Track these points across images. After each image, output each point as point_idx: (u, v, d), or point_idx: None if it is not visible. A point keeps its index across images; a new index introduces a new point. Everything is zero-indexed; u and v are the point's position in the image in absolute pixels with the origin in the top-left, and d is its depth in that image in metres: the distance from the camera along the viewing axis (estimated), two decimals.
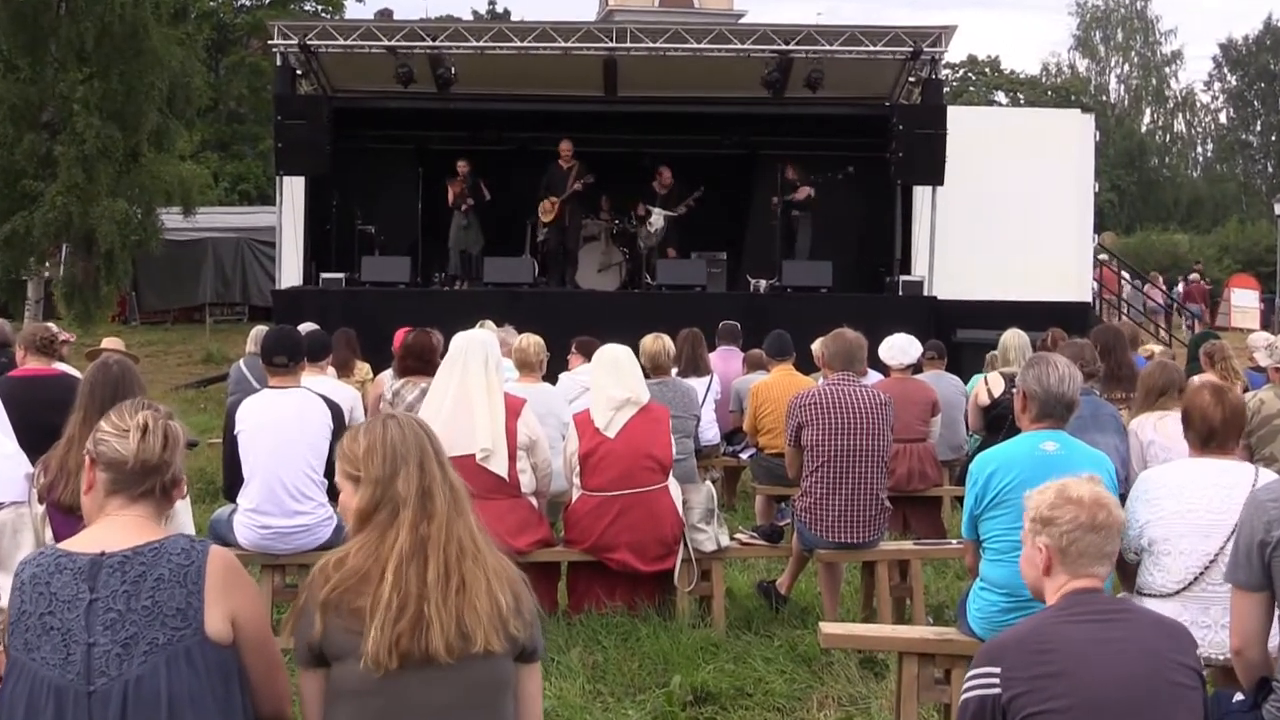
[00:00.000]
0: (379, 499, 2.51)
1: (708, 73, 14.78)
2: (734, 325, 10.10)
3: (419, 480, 2.53)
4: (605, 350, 6.01)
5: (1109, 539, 2.69)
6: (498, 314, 9.96)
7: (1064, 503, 2.70)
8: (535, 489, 5.72)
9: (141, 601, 2.35)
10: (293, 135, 13.68)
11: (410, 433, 2.59)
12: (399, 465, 2.54)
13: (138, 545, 2.42)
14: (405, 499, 2.50)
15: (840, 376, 5.93)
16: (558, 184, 14.65)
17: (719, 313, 11.23)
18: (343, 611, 2.41)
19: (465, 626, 2.44)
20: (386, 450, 2.55)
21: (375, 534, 2.50)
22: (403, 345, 6.74)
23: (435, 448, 2.61)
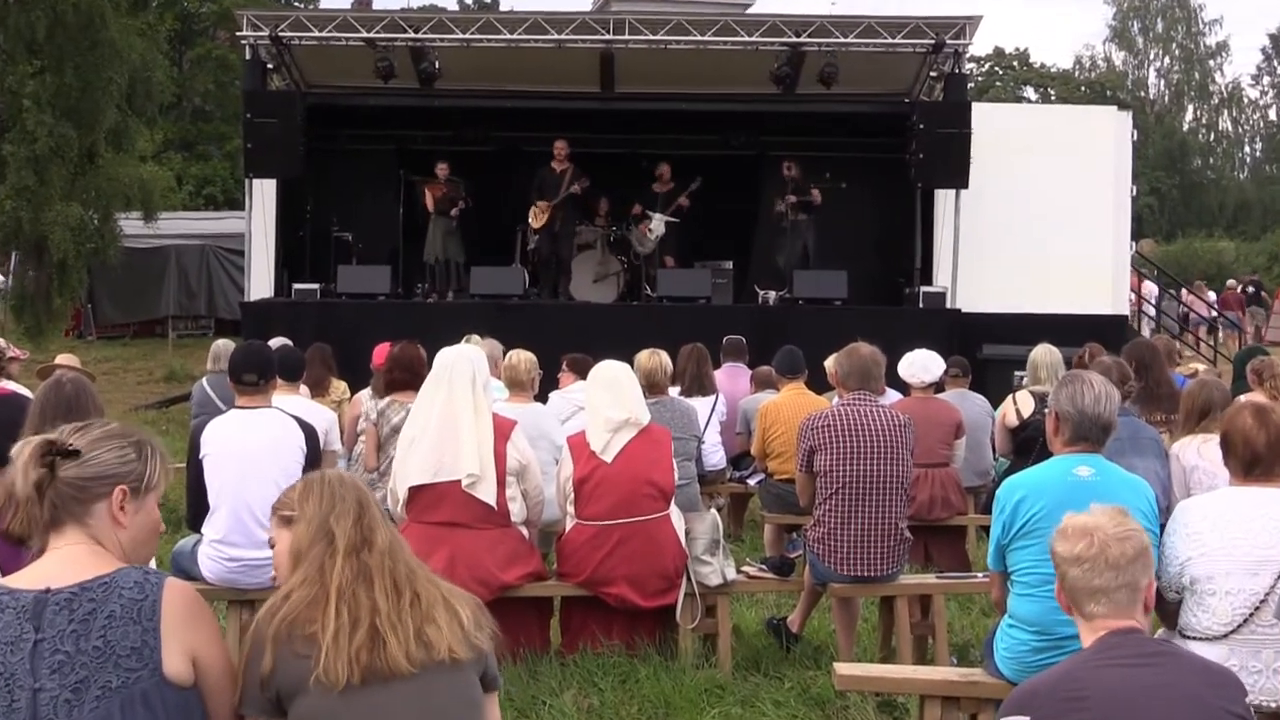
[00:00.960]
0: (313, 535, 2.59)
1: (713, 67, 14.84)
2: (740, 340, 10.13)
3: (356, 517, 2.63)
4: (602, 367, 6.02)
5: (1095, 572, 2.71)
6: (485, 328, 9.97)
7: (1074, 535, 2.74)
8: (526, 518, 5.73)
9: (92, 641, 2.33)
10: (263, 135, 13.72)
11: (351, 483, 2.71)
12: (336, 503, 2.63)
13: (86, 580, 2.40)
14: (341, 534, 2.59)
15: (856, 396, 5.94)
16: (550, 187, 14.69)
17: (724, 326, 11.25)
18: (294, 639, 2.46)
19: (426, 636, 2.51)
20: (324, 490, 2.65)
21: (313, 566, 2.57)
22: (389, 357, 6.76)
23: (376, 505, 2.71)
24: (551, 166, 14.74)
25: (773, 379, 8.69)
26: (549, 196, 14.66)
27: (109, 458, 2.52)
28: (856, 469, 5.76)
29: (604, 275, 15.63)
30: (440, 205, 14.85)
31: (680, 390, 8.50)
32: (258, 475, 5.41)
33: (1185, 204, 53.12)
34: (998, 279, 14.64)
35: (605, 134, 15.81)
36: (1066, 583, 2.74)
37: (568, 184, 14.57)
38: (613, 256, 15.74)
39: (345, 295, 13.94)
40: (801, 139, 15.83)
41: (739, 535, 9.10)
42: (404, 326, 11.41)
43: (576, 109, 15.34)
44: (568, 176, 14.60)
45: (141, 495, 2.57)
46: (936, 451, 7.77)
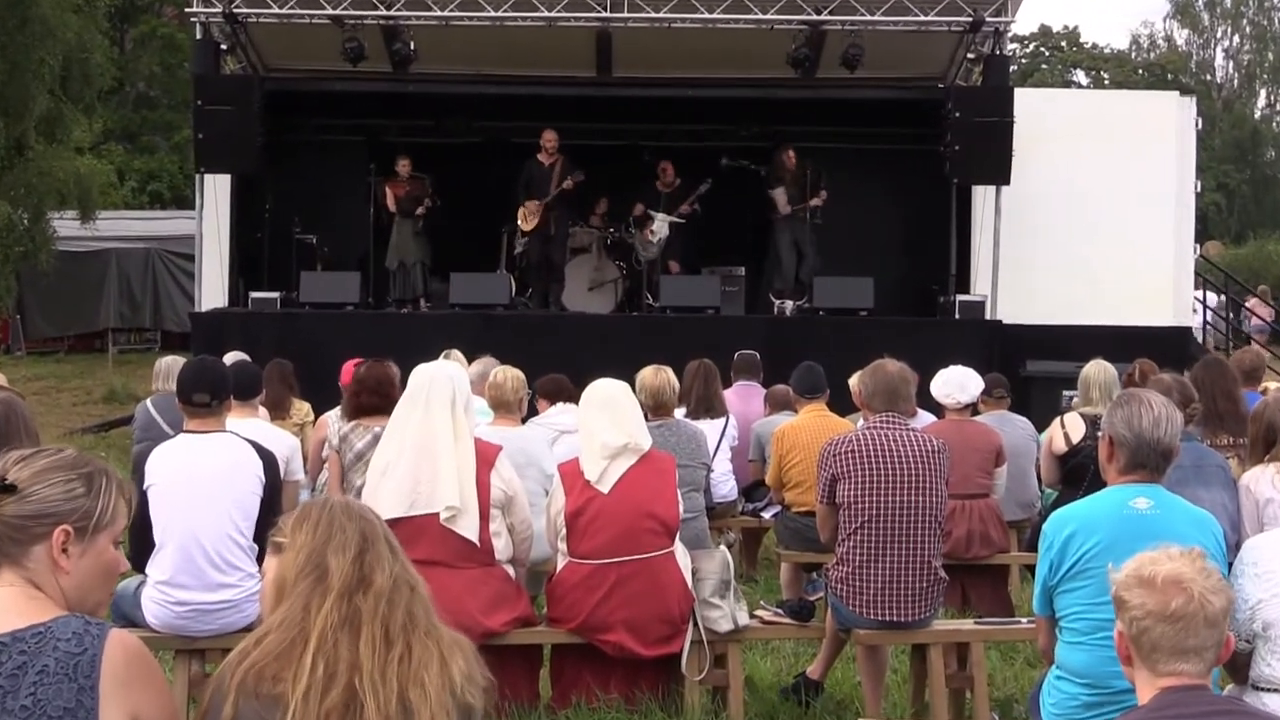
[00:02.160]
0: (301, 568, 2.54)
1: (722, 49, 14.88)
2: (754, 356, 10.15)
3: (357, 553, 2.57)
4: (598, 386, 6.04)
5: (1191, 631, 2.72)
6: (467, 342, 9.99)
7: (1135, 583, 2.75)
8: (512, 555, 5.74)
9: (20, 700, 2.31)
10: (216, 124, 13.76)
11: (357, 512, 2.65)
12: (334, 534, 2.58)
13: (18, 629, 2.39)
14: (336, 570, 2.54)
15: (883, 418, 5.96)
16: (539, 184, 14.72)
17: (736, 340, 11.27)
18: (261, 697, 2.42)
19: (408, 700, 2.46)
20: (322, 517, 2.60)
21: (297, 604, 2.52)
22: (355, 378, 6.78)
23: (388, 536, 2.66)
24: (539, 160, 14.77)
25: (790, 399, 8.70)
26: (538, 194, 14.68)
27: (52, 493, 2.50)
28: (884, 500, 5.77)
29: (600, 283, 15.66)
30: (403, 205, 14.88)
31: (686, 412, 8.51)
32: (209, 508, 5.42)
33: (1257, 201, 53.08)
34: (1044, 287, 14.66)
35: (602, 124, 15.84)
36: (1146, 638, 2.74)
37: (559, 179, 14.59)
38: (610, 262, 15.76)
39: (309, 305, 13.97)
40: (822, 129, 15.86)
41: (752, 575, 9.10)
42: (376, 340, 11.45)
43: (569, 96, 15.38)
44: (558, 170, 14.62)
45: (90, 535, 2.54)
46: (975, 481, 7.78)
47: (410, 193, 14.91)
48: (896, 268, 15.58)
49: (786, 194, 14.89)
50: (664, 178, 15.30)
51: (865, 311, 13.95)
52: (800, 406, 8.35)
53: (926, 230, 15.70)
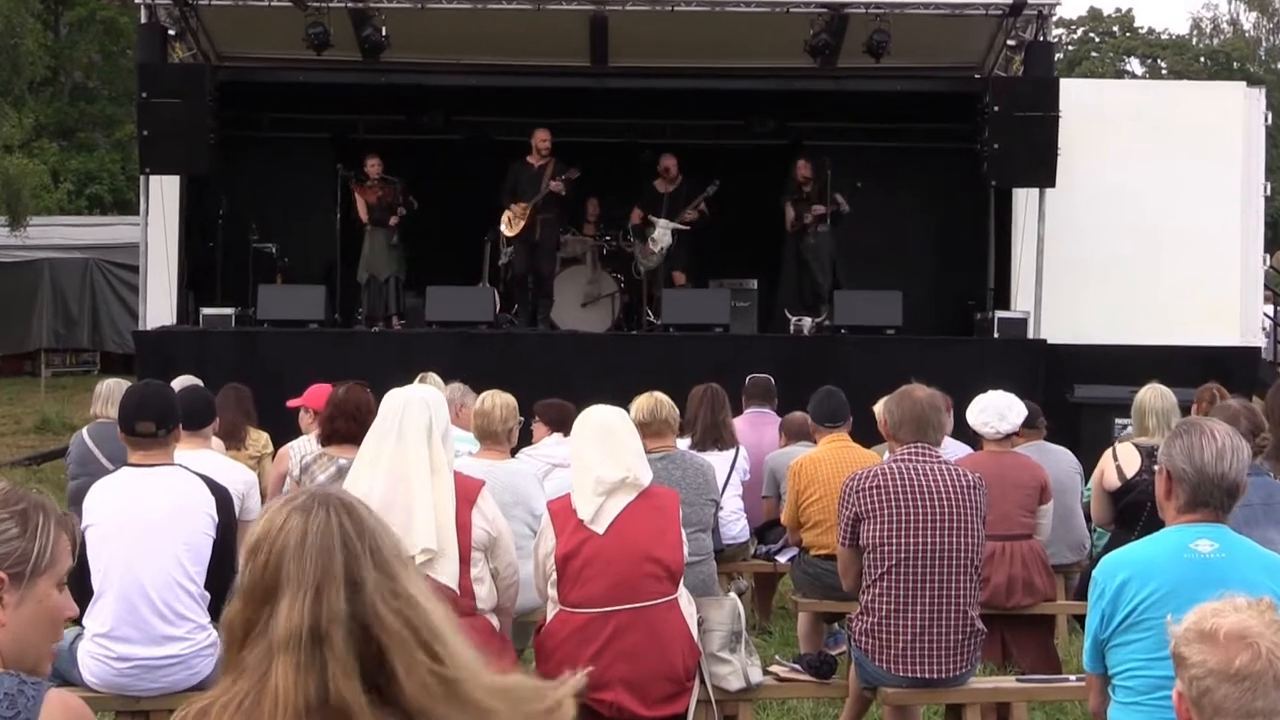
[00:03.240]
0: (252, 622, 2.37)
1: (732, 36, 14.91)
2: (768, 380, 10.16)
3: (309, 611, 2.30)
4: (592, 414, 6.04)
5: (1259, 692, 2.71)
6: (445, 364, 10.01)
7: (1230, 643, 2.74)
8: (497, 604, 5.74)
9: None
10: (163, 119, 13.78)
11: (333, 532, 2.36)
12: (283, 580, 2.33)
13: None
14: (282, 640, 2.29)
15: (912, 450, 5.97)
16: (527, 186, 14.68)
17: (747, 362, 11.28)
18: None
19: None
20: (275, 550, 2.38)
21: (250, 677, 2.31)
22: (330, 402, 6.79)
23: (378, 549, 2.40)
24: (528, 162, 14.77)
25: (808, 428, 8.71)
26: (526, 196, 14.69)
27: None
28: (914, 542, 5.77)
29: (595, 297, 15.68)
30: (375, 213, 14.86)
31: (692, 443, 8.52)
32: (155, 552, 5.42)
33: None
34: (1093, 302, 14.67)
35: (596, 119, 15.89)
36: (1207, 700, 2.72)
37: (548, 179, 14.58)
38: (606, 273, 15.78)
39: (268, 323, 13.98)
40: (843, 125, 15.91)
41: (766, 626, 9.11)
42: (343, 362, 11.49)
43: (560, 88, 15.42)
44: (548, 174, 14.62)
45: (28, 581, 2.52)
46: (1016, 520, 7.78)
47: (382, 199, 14.89)
48: (927, 281, 15.59)
49: (795, 209, 14.92)
50: (666, 176, 15.27)
51: (892, 330, 13.96)
52: (820, 436, 8.36)
53: (961, 238, 15.73)
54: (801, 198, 14.93)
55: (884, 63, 14.64)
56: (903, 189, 16.00)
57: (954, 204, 15.66)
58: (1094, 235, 14.92)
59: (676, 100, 15.72)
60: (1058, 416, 10.38)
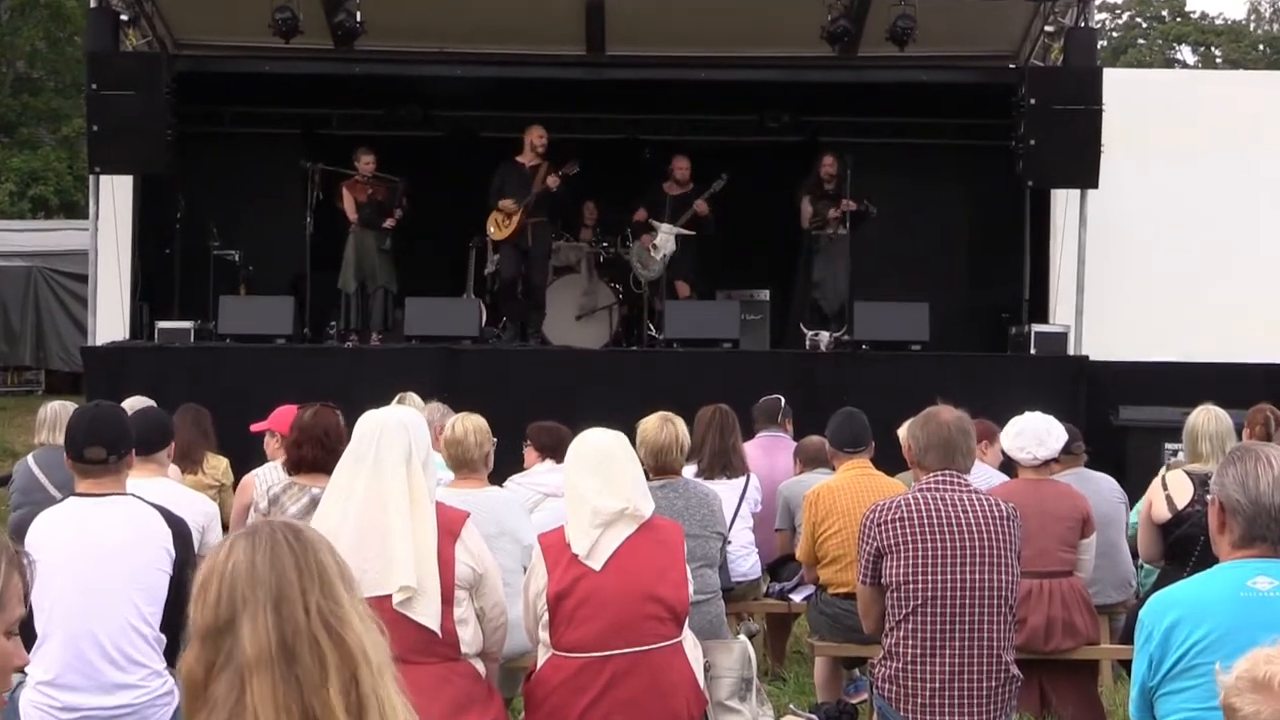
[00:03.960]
0: (212, 660, 2.48)
1: (742, 21, 14.94)
2: (780, 401, 10.16)
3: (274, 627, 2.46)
4: (588, 439, 6.05)
5: None
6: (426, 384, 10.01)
7: (1249, 686, 2.74)
8: (483, 648, 5.74)
9: None
10: (114, 113, 13.79)
11: (283, 551, 2.53)
12: (239, 606, 2.49)
13: None
14: (253, 660, 2.44)
15: (939, 478, 5.97)
16: (517, 188, 14.66)
17: (759, 382, 11.29)
18: None
19: None
20: (226, 579, 2.51)
21: (223, 709, 2.43)
22: (298, 425, 6.79)
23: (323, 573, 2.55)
24: (519, 162, 14.74)
25: (825, 454, 8.71)
26: (516, 196, 14.66)
27: None
28: (942, 579, 5.77)
29: (591, 309, 15.68)
30: (365, 213, 14.85)
31: (698, 470, 8.52)
32: (106, 591, 5.41)
33: None
34: (1140, 314, 14.67)
35: (593, 114, 15.92)
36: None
37: (541, 179, 14.57)
38: (603, 283, 15.78)
39: (230, 338, 13.97)
40: (864, 120, 15.92)
41: (779, 672, 9.09)
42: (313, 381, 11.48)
43: (552, 79, 15.44)
44: (541, 175, 14.62)
45: None
46: (1055, 555, 7.77)
47: (373, 197, 14.85)
48: (957, 291, 15.62)
49: (814, 205, 14.92)
50: (676, 176, 15.22)
51: (919, 345, 13.95)
52: (838, 463, 8.36)
53: (994, 245, 15.75)
54: (822, 194, 14.92)
55: (909, 51, 14.65)
56: (930, 190, 16.02)
57: (986, 207, 15.69)
58: (1141, 241, 14.92)
59: (681, 93, 15.73)
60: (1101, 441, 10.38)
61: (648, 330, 15.16)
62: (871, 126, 16.02)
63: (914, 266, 15.50)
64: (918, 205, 15.83)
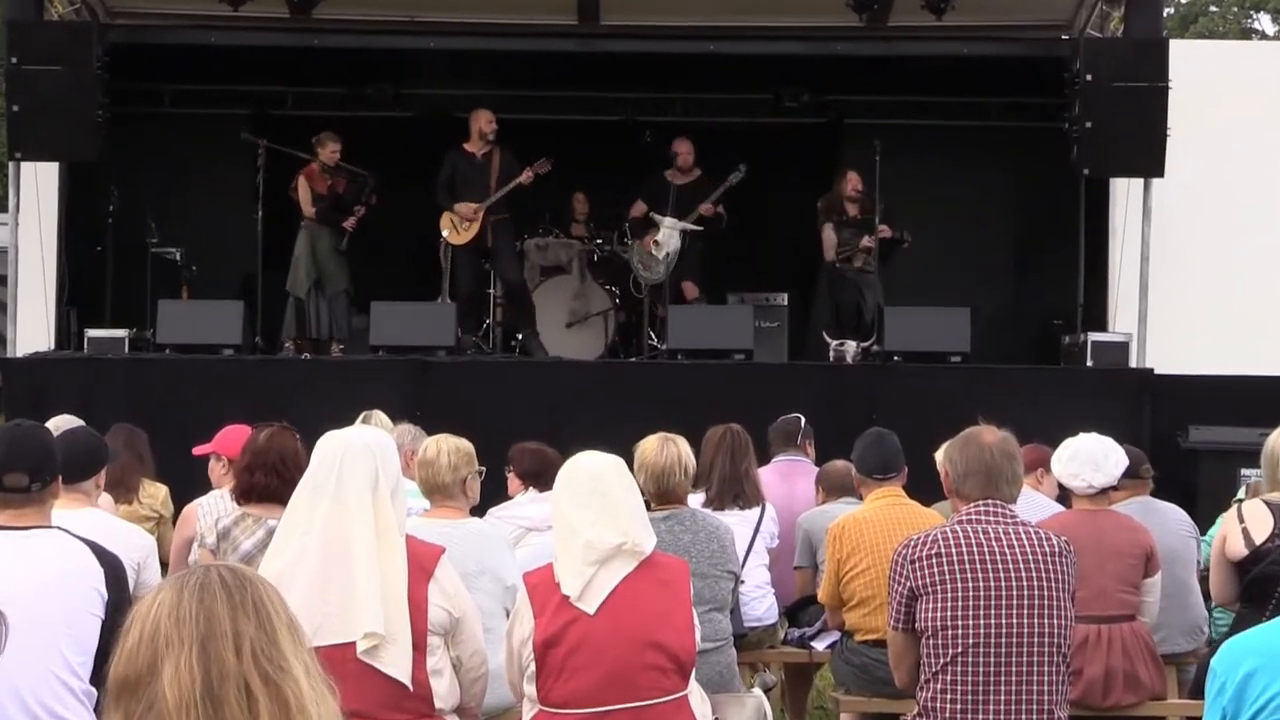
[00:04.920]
0: (130, 708, 2.47)
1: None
2: (800, 421, 10.16)
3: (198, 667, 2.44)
4: (580, 464, 6.05)
5: None
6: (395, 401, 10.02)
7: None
8: (459, 702, 5.75)
9: None
10: (38, 91, 13.80)
11: (214, 587, 2.55)
12: (162, 650, 2.48)
13: None
14: (173, 707, 2.42)
15: (981, 508, 5.97)
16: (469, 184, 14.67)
17: (776, 399, 11.29)
18: None
19: None
20: (149, 623, 2.52)
21: None
22: (250, 449, 6.80)
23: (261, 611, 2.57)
24: (467, 151, 14.76)
25: (852, 481, 8.72)
26: (473, 195, 14.68)
27: None
28: (985, 625, 5.78)
29: (583, 315, 15.68)
30: (323, 208, 14.82)
31: (706, 499, 8.53)
32: (28, 638, 5.40)
33: None
34: (1213, 321, 14.66)
35: (585, 92, 15.94)
36: None
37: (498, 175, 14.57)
38: (597, 286, 15.79)
39: (170, 348, 13.94)
40: (895, 99, 15.93)
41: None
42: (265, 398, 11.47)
43: (539, 53, 15.43)
44: (496, 165, 14.63)
45: None
46: (1115, 597, 7.77)
47: (333, 189, 14.83)
48: (1002, 295, 15.64)
49: (839, 234, 14.86)
50: (679, 163, 15.22)
51: (958, 357, 13.92)
52: (867, 491, 8.36)
53: (1045, 241, 15.77)
54: (847, 220, 14.84)
55: (947, 21, 14.68)
56: (971, 180, 16.03)
57: (1035, 198, 15.70)
58: (1214, 237, 14.90)
59: (686, 68, 15.75)
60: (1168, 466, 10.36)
61: (648, 339, 15.17)
62: (904, 107, 16.03)
63: (953, 267, 15.50)
64: (957, 197, 15.83)
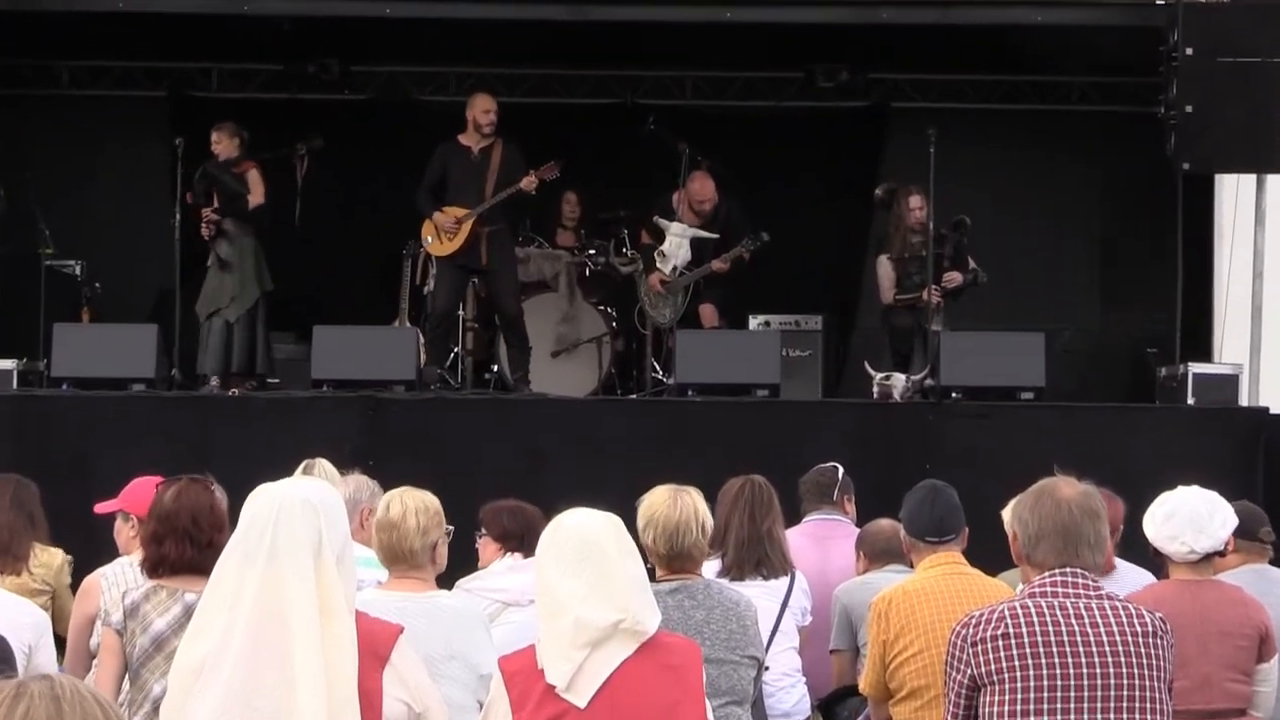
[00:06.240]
0: None
1: None
2: (836, 472, 10.16)
3: None
4: (568, 525, 6.05)
5: None
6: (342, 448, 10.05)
7: None
8: None
9: None
10: None
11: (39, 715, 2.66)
12: None
13: None
14: None
15: (1058, 578, 5.99)
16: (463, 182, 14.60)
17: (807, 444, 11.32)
18: None
19: None
20: None
21: None
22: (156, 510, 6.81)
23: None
24: (463, 145, 14.71)
25: (900, 546, 8.73)
26: (464, 198, 14.70)
27: None
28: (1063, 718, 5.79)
29: (573, 342, 15.68)
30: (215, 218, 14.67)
31: (722, 568, 8.54)
32: None
33: None
34: None
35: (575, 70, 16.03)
36: None
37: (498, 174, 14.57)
38: (590, 306, 15.80)
39: (68, 382, 13.96)
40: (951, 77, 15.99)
41: None
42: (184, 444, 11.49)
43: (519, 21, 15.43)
44: (496, 161, 14.59)
45: None
46: (1222, 686, 7.78)
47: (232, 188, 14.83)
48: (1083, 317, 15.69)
49: (897, 270, 14.80)
50: (693, 202, 14.99)
51: (1030, 393, 13.90)
52: (918, 557, 8.37)
53: (1135, 252, 15.82)
54: (909, 253, 14.75)
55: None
56: (1044, 177, 16.08)
57: (1124, 199, 15.76)
58: None
59: (699, 41, 15.80)
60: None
61: (652, 371, 15.17)
62: (963, 87, 16.13)
63: (1024, 283, 15.52)
64: (1027, 198, 15.88)
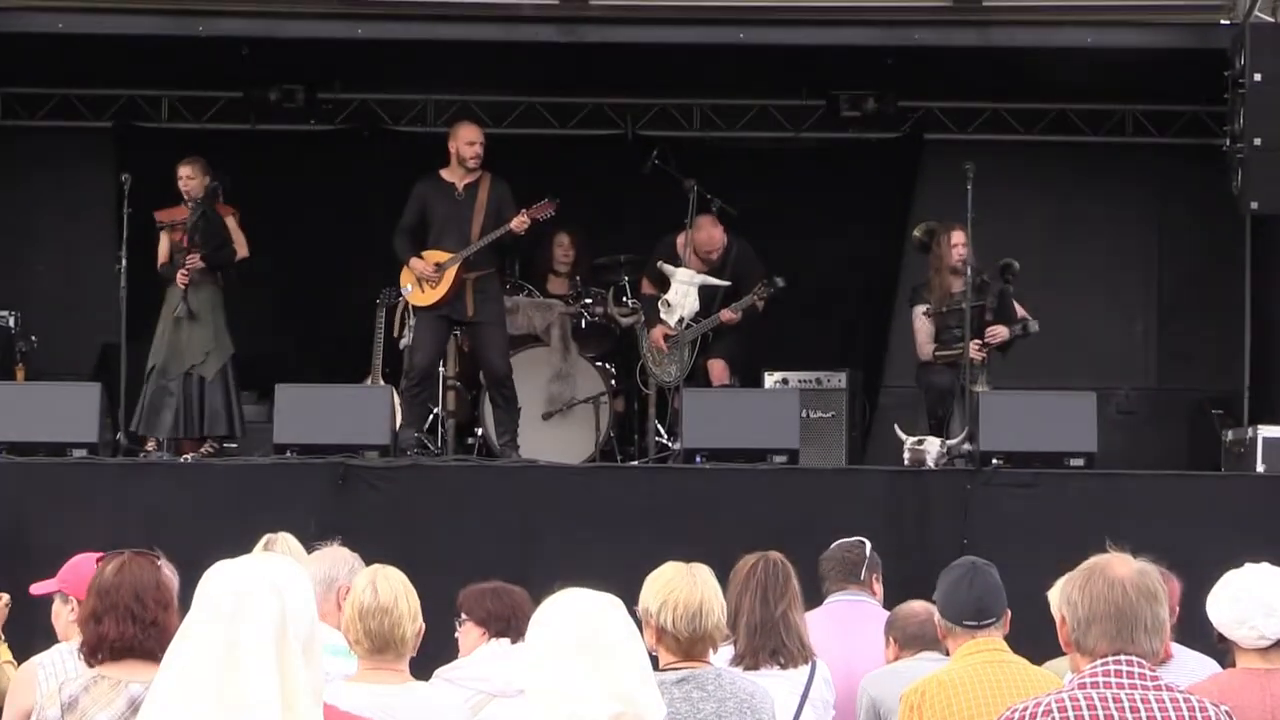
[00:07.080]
0: None
1: None
2: (863, 549, 10.17)
3: None
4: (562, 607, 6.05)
5: None
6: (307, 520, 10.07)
7: None
8: None
9: None
10: None
11: None
12: None
13: None
14: None
15: (1111, 667, 6.00)
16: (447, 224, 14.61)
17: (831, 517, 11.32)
18: None
19: None
20: None
21: None
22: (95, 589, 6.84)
23: None
24: (446, 181, 14.74)
25: (934, 630, 8.74)
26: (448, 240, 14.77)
27: None
28: None
29: (567, 402, 15.71)
30: (179, 257, 14.68)
31: (734, 655, 8.56)
32: None
33: None
34: None
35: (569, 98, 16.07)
36: None
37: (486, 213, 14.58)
38: (585, 362, 15.82)
39: (1, 448, 14.00)
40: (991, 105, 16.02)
41: None
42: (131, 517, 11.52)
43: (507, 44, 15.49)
44: (482, 197, 14.62)
45: None
46: None
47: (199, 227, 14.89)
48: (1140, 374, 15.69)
49: (936, 322, 14.79)
50: (700, 250, 14.92)
51: (1081, 459, 13.90)
52: (955, 644, 8.38)
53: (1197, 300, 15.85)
54: (950, 306, 14.70)
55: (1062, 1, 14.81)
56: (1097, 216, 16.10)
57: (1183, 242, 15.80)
58: None
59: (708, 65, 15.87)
60: None
61: (656, 436, 15.18)
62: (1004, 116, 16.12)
63: (1074, 336, 15.53)
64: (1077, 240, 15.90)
